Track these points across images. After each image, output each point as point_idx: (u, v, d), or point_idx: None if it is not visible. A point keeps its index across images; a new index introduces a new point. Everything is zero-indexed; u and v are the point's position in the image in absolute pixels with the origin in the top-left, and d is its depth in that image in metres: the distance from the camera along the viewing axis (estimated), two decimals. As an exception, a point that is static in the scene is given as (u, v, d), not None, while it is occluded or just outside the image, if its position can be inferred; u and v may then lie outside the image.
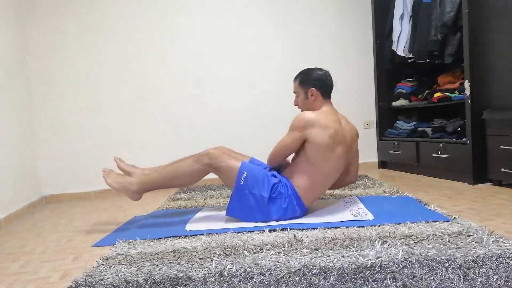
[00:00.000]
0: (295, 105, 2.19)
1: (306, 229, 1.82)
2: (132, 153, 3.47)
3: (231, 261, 1.45)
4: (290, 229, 1.83)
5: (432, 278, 1.18)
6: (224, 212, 2.08)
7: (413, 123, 3.57)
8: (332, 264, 1.35)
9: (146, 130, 3.57)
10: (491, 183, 2.71)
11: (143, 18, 3.56)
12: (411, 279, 1.18)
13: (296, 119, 1.99)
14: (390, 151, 3.69)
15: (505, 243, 1.45)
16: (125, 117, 3.54)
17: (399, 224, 1.81)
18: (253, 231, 1.84)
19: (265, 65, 3.76)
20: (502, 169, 2.54)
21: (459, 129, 2.97)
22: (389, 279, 1.19)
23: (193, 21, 3.64)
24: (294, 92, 2.18)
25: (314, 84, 2.09)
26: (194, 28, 3.65)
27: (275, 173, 2.09)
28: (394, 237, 1.60)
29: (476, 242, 1.48)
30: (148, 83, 3.57)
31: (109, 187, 2.14)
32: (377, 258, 1.37)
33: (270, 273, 1.30)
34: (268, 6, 3.76)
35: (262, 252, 1.53)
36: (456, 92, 3.04)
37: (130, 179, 2.13)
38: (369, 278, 1.21)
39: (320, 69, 2.14)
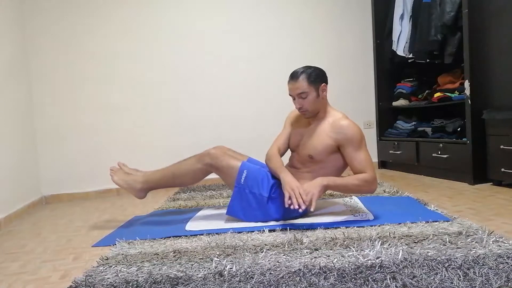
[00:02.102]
0: (299, 107, 1.97)
1: (306, 229, 1.82)
2: (132, 154, 3.48)
3: (231, 261, 1.45)
4: (290, 229, 1.83)
5: (432, 278, 1.18)
6: (224, 212, 2.08)
7: (413, 123, 3.57)
8: (332, 264, 1.35)
9: (146, 130, 3.57)
10: (491, 183, 2.71)
11: (143, 19, 3.56)
12: (411, 279, 1.18)
13: (359, 133, 1.89)
14: (390, 151, 3.69)
15: (505, 243, 1.45)
16: (125, 118, 3.54)
17: (399, 224, 1.81)
18: (253, 231, 1.84)
19: (264, 66, 3.75)
20: (502, 169, 2.54)
21: (459, 129, 2.97)
22: (389, 279, 1.19)
23: (193, 22, 3.64)
24: (298, 94, 1.93)
25: (324, 79, 1.98)
26: (194, 29, 3.64)
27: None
28: (394, 237, 1.60)
29: (476, 242, 1.48)
30: (148, 83, 3.57)
31: (116, 185, 2.19)
32: (377, 258, 1.37)
33: (270, 273, 1.30)
34: (267, 6, 3.76)
35: (262, 252, 1.53)
36: (456, 92, 3.04)
37: (135, 178, 2.18)
38: (369, 278, 1.21)
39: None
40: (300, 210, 1.78)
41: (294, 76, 1.95)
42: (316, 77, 1.95)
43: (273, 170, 1.98)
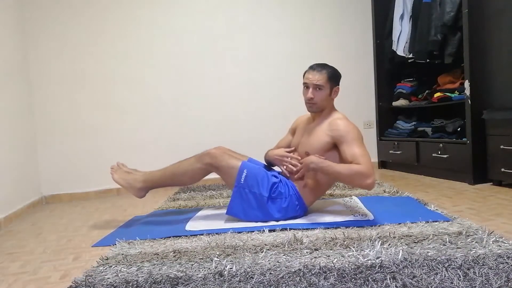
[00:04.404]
0: (311, 98, 1.97)
1: (306, 229, 1.82)
2: (132, 154, 3.48)
3: (231, 261, 1.45)
4: (290, 229, 1.83)
5: (432, 278, 1.18)
6: (224, 212, 2.08)
7: (413, 123, 3.57)
8: (332, 264, 1.35)
9: (146, 130, 3.57)
10: (491, 183, 2.71)
11: (143, 18, 3.56)
12: (411, 279, 1.18)
13: (354, 131, 1.90)
14: (390, 151, 3.69)
15: (505, 243, 1.45)
16: (125, 117, 3.53)
17: (399, 224, 1.81)
18: (253, 231, 1.84)
19: (264, 66, 3.75)
20: (502, 169, 2.54)
21: (459, 129, 2.97)
22: (389, 279, 1.19)
23: (193, 22, 3.64)
24: (315, 85, 1.96)
25: (338, 82, 2.04)
26: (195, 28, 3.64)
27: (276, 173, 2.09)
28: (394, 237, 1.60)
29: (476, 242, 1.48)
30: (148, 83, 3.57)
31: (116, 183, 2.19)
32: (377, 258, 1.37)
33: (270, 273, 1.30)
34: (267, 7, 3.76)
35: (262, 252, 1.53)
36: (456, 92, 3.04)
37: (135, 177, 2.18)
38: (369, 278, 1.21)
39: None
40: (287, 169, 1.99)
41: (316, 67, 2.01)
42: (335, 77, 2.02)
43: (266, 157, 2.14)
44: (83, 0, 3.45)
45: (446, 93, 3.12)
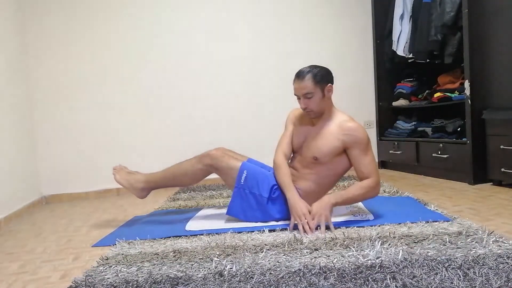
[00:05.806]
0: (304, 107, 1.92)
1: (306, 229, 1.82)
2: (132, 154, 3.48)
3: (231, 261, 1.45)
4: (290, 229, 1.83)
5: (432, 278, 1.18)
6: (224, 212, 2.08)
7: (413, 123, 3.57)
8: (332, 264, 1.35)
9: (146, 130, 3.57)
10: (491, 183, 2.71)
11: (143, 18, 3.56)
12: (411, 279, 1.18)
13: (366, 136, 1.89)
14: (390, 151, 3.69)
15: (505, 243, 1.45)
16: (125, 118, 3.54)
17: (399, 224, 1.81)
18: (253, 231, 1.84)
19: (264, 66, 3.75)
20: (502, 169, 2.54)
21: (459, 129, 2.97)
22: (389, 279, 1.19)
23: (193, 21, 3.64)
24: (304, 94, 1.89)
25: (329, 79, 1.95)
26: (195, 28, 3.64)
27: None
28: (394, 237, 1.60)
29: (476, 242, 1.48)
30: (148, 83, 3.57)
31: (118, 184, 2.21)
32: (377, 258, 1.37)
33: (270, 273, 1.30)
34: (266, 7, 3.76)
35: (262, 252, 1.53)
36: (456, 92, 3.04)
37: (137, 177, 2.19)
38: (369, 278, 1.21)
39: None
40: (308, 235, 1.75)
41: (299, 76, 1.91)
42: (322, 77, 1.91)
43: (280, 185, 1.95)
44: (83, 0, 3.45)
45: (446, 93, 3.12)
